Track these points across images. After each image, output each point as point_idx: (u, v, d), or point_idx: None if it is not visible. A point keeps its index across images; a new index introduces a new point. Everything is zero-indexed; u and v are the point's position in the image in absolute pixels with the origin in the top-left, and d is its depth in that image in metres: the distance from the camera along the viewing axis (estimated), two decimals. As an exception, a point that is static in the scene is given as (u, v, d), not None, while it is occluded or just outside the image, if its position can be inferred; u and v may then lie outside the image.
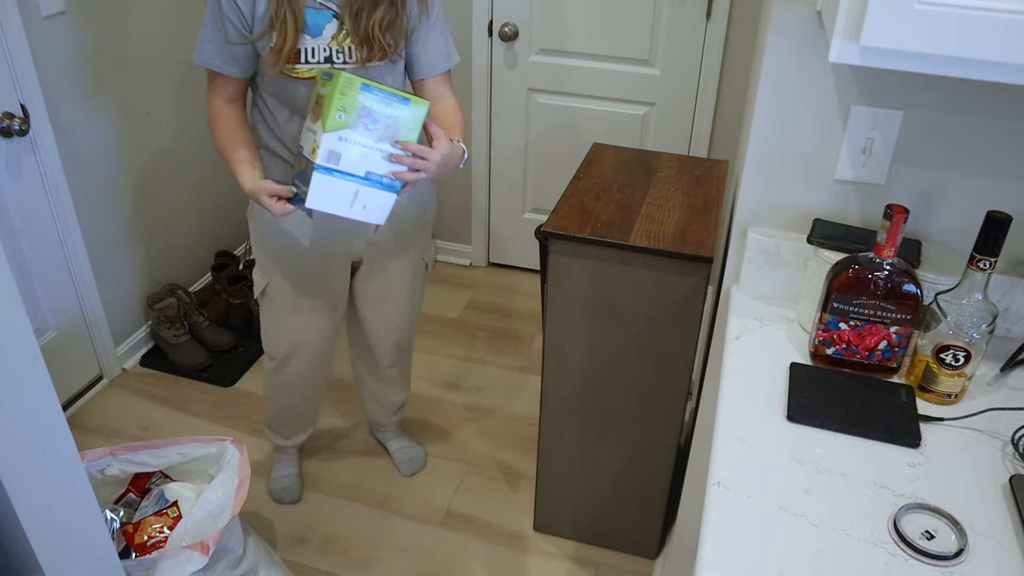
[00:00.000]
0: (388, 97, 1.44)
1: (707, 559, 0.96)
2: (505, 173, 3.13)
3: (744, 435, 1.14)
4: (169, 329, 2.68)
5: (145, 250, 2.72)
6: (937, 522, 1.01)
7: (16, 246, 2.24)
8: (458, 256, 3.38)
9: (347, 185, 1.46)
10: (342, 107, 1.39)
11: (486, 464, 2.38)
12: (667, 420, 1.85)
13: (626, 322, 1.75)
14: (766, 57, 1.28)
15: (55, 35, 2.22)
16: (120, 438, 2.43)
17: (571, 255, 1.70)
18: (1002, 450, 1.13)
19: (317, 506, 2.24)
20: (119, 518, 1.70)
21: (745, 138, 1.46)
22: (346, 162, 1.44)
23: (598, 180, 1.88)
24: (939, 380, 1.19)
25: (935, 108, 1.25)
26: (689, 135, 2.85)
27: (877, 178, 1.32)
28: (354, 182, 1.47)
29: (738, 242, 1.44)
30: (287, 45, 1.51)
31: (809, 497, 1.04)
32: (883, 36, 0.89)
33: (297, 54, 1.53)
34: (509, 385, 2.70)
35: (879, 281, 1.17)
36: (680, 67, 2.73)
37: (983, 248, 1.10)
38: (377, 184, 1.49)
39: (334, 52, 1.56)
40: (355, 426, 2.51)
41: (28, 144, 2.20)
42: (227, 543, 1.66)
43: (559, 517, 2.12)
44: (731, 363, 1.27)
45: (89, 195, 2.44)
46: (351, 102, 1.40)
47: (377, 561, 2.08)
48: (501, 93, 2.96)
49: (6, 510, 1.03)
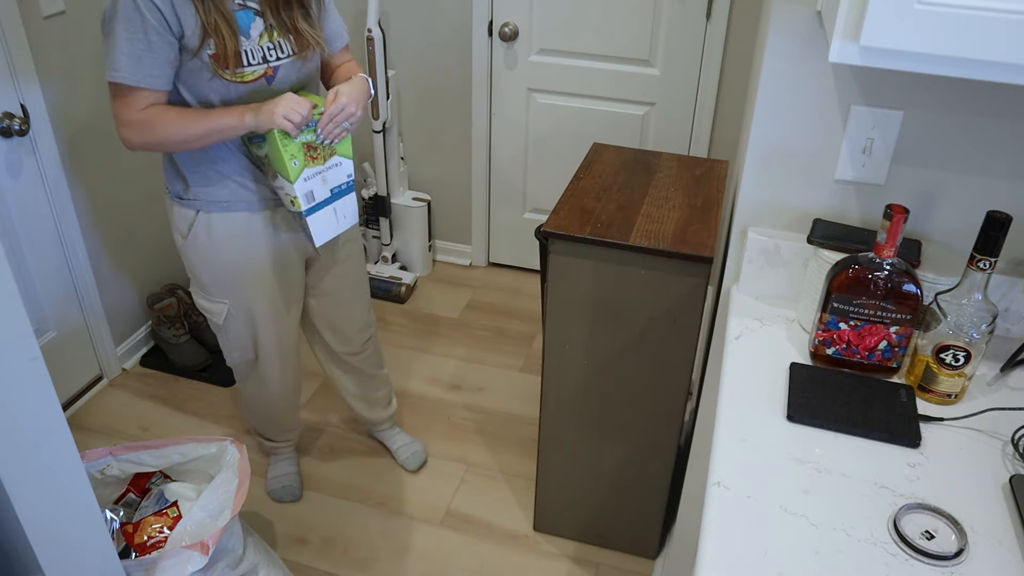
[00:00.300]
0: None
1: (707, 559, 0.96)
2: (505, 173, 3.13)
3: (744, 435, 1.14)
4: (169, 329, 2.68)
5: (145, 250, 2.72)
6: (937, 522, 1.01)
7: (16, 246, 2.24)
8: (458, 256, 3.38)
9: (328, 211, 1.68)
10: (291, 155, 1.57)
11: (486, 464, 2.38)
12: (667, 420, 1.85)
13: (626, 322, 1.75)
14: (766, 57, 1.28)
15: (55, 35, 2.22)
16: (120, 438, 2.43)
17: (571, 255, 1.70)
18: (1002, 450, 1.13)
19: (317, 506, 2.24)
20: (119, 518, 1.70)
21: (745, 138, 1.46)
22: (318, 193, 1.65)
23: (598, 180, 1.88)
24: (939, 380, 1.19)
25: (935, 108, 1.25)
26: (689, 135, 2.85)
27: (877, 178, 1.32)
28: (329, 203, 1.68)
29: (738, 242, 1.44)
30: (229, 48, 1.50)
31: (809, 497, 1.04)
32: (883, 36, 0.89)
33: (239, 57, 1.53)
34: (509, 385, 2.70)
35: (879, 281, 1.17)
36: (680, 67, 2.73)
37: (983, 248, 1.10)
38: (340, 193, 1.69)
39: (266, 50, 1.58)
40: (355, 426, 2.51)
41: (28, 144, 2.20)
42: (227, 543, 1.66)
43: (559, 517, 2.12)
44: (731, 363, 1.27)
45: (89, 195, 2.44)
46: (294, 146, 1.57)
47: (377, 561, 2.08)
48: (501, 93, 2.96)
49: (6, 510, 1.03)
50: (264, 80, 1.59)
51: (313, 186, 1.62)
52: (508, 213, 3.22)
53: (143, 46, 1.45)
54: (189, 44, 1.49)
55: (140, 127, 1.53)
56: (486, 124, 3.03)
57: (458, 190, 3.22)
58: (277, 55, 1.60)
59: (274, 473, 2.26)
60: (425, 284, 3.24)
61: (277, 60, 1.60)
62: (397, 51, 2.93)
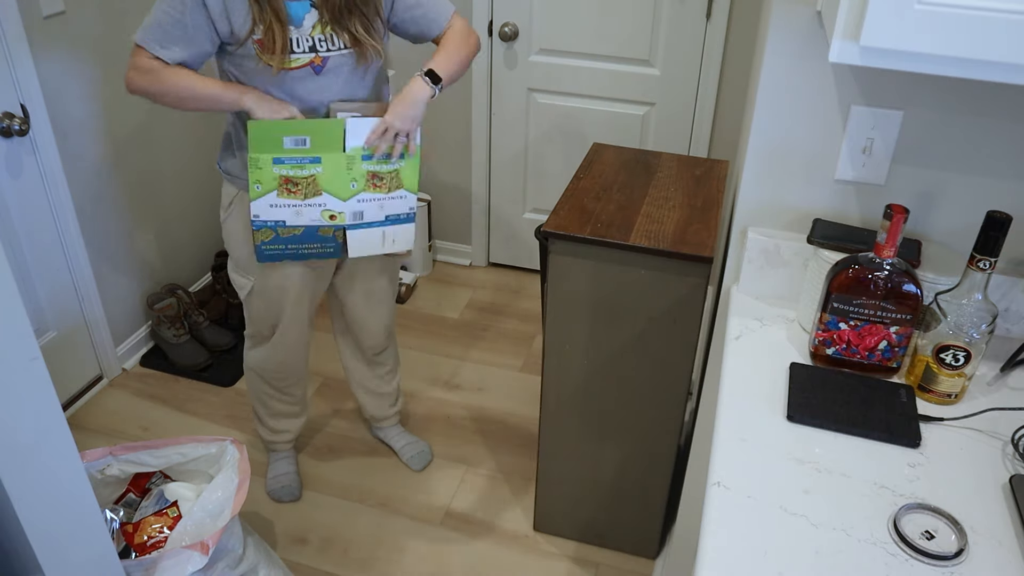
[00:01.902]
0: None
1: (707, 559, 0.96)
2: (505, 173, 3.13)
3: (744, 435, 1.14)
4: (169, 329, 2.68)
5: (145, 250, 2.72)
6: (937, 522, 1.01)
7: (16, 246, 2.24)
8: (458, 256, 3.38)
9: (374, 232, 1.77)
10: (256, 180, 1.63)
11: (486, 464, 2.38)
12: (667, 420, 1.85)
13: (626, 322, 1.75)
14: (766, 57, 1.28)
15: (55, 35, 2.22)
16: (120, 438, 2.43)
17: (571, 255, 1.70)
18: (1002, 450, 1.13)
19: (317, 506, 2.24)
20: (119, 518, 1.70)
21: (745, 138, 1.46)
22: (369, 215, 1.74)
23: (598, 180, 1.88)
24: (939, 380, 1.19)
25: (935, 108, 1.25)
26: (689, 135, 2.85)
27: (877, 178, 1.32)
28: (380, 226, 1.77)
29: (738, 242, 1.44)
30: (278, 41, 1.55)
31: (809, 497, 1.04)
32: (883, 36, 0.89)
33: (289, 46, 1.58)
34: (509, 385, 2.70)
35: (879, 281, 1.17)
36: (680, 67, 2.73)
37: (983, 248, 1.10)
38: (396, 221, 1.77)
39: (316, 41, 1.60)
40: (355, 426, 2.51)
41: (28, 144, 2.20)
42: (227, 543, 1.66)
43: (559, 517, 2.12)
44: (731, 363, 1.27)
45: (89, 195, 2.44)
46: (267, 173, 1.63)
47: (377, 561, 2.08)
48: (501, 93, 2.96)
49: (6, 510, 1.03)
50: (311, 68, 1.61)
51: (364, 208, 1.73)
52: (508, 213, 3.22)
53: (179, 29, 1.54)
54: (239, 35, 1.56)
55: (149, 74, 1.59)
56: (486, 124, 3.03)
57: (458, 190, 3.22)
58: (328, 47, 1.61)
59: (273, 473, 2.27)
60: (425, 284, 3.24)
61: (328, 52, 1.61)
62: (397, 51, 2.93)
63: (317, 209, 1.70)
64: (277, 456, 2.29)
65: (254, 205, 1.66)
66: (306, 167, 1.64)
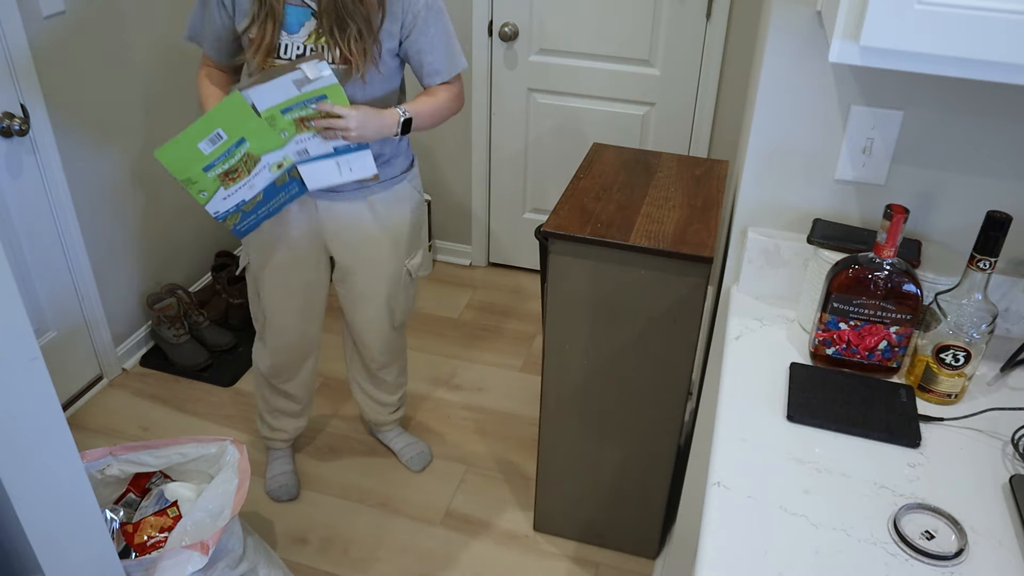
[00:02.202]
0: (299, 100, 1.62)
1: (707, 559, 0.96)
2: (505, 173, 3.13)
3: (744, 435, 1.14)
4: (169, 329, 2.68)
5: (145, 250, 2.72)
6: (937, 522, 1.01)
7: (16, 246, 2.24)
8: (458, 256, 3.38)
9: (326, 162, 1.72)
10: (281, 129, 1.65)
11: (486, 464, 2.38)
12: (667, 420, 1.85)
13: (626, 322, 1.75)
14: (766, 57, 1.28)
15: (55, 35, 2.22)
16: (120, 438, 2.43)
17: (571, 255, 1.70)
18: (1002, 450, 1.13)
19: (317, 506, 2.24)
20: (119, 518, 1.70)
21: (745, 138, 1.46)
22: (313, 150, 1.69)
23: (598, 180, 1.88)
24: (939, 380, 1.19)
25: (935, 108, 1.25)
26: (689, 135, 2.85)
27: (877, 178, 1.32)
28: (331, 157, 1.71)
29: (738, 242, 1.44)
30: (265, 40, 1.61)
31: (809, 497, 1.04)
32: (883, 36, 0.89)
33: (275, 48, 1.63)
34: (509, 385, 2.70)
35: (879, 281, 1.17)
36: (680, 67, 2.73)
37: (983, 248, 1.10)
38: (347, 151, 1.71)
39: (308, 51, 1.63)
40: (355, 426, 2.51)
41: (28, 144, 2.20)
42: (227, 543, 1.66)
43: (559, 517, 2.12)
44: (731, 363, 1.27)
45: (89, 195, 2.44)
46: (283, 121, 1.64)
47: (377, 561, 2.08)
48: (501, 93, 2.96)
49: (6, 510, 1.03)
50: None
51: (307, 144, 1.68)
52: (508, 213, 3.22)
53: (204, 14, 1.70)
54: (238, 26, 1.65)
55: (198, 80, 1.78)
56: (486, 124, 3.03)
57: (458, 190, 3.22)
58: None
59: (271, 472, 2.27)
60: (425, 284, 3.24)
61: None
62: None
63: (265, 171, 1.68)
64: (274, 455, 2.29)
65: (209, 207, 1.66)
66: (235, 153, 1.63)
